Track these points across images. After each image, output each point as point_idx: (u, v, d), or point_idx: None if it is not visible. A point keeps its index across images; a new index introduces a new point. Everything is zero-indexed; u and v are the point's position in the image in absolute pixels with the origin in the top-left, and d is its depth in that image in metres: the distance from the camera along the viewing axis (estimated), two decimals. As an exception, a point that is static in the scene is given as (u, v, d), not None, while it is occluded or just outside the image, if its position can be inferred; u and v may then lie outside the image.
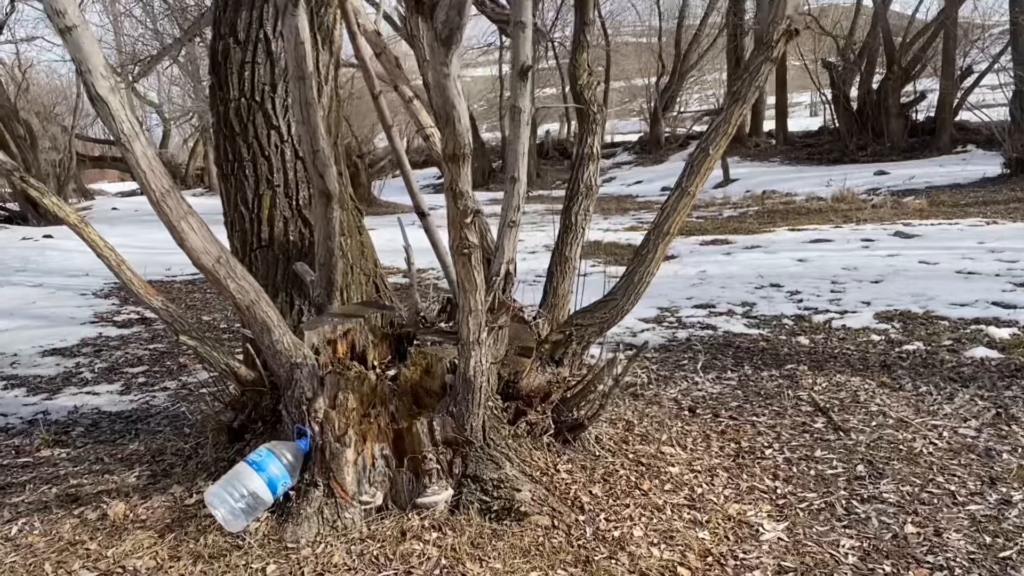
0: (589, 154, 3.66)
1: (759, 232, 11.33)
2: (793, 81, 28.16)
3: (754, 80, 2.90)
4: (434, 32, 2.03)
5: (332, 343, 3.07)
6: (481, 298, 2.61)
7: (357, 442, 2.80)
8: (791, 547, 2.70)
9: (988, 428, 3.67)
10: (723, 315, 6.33)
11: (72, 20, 2.28)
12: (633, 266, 3.25)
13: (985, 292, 6.35)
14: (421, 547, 2.63)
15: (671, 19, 29.09)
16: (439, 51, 2.04)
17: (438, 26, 2.02)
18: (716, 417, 3.97)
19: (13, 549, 2.79)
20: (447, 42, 2.03)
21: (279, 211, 3.61)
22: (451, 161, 2.26)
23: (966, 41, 20.86)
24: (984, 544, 2.68)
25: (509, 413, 3.15)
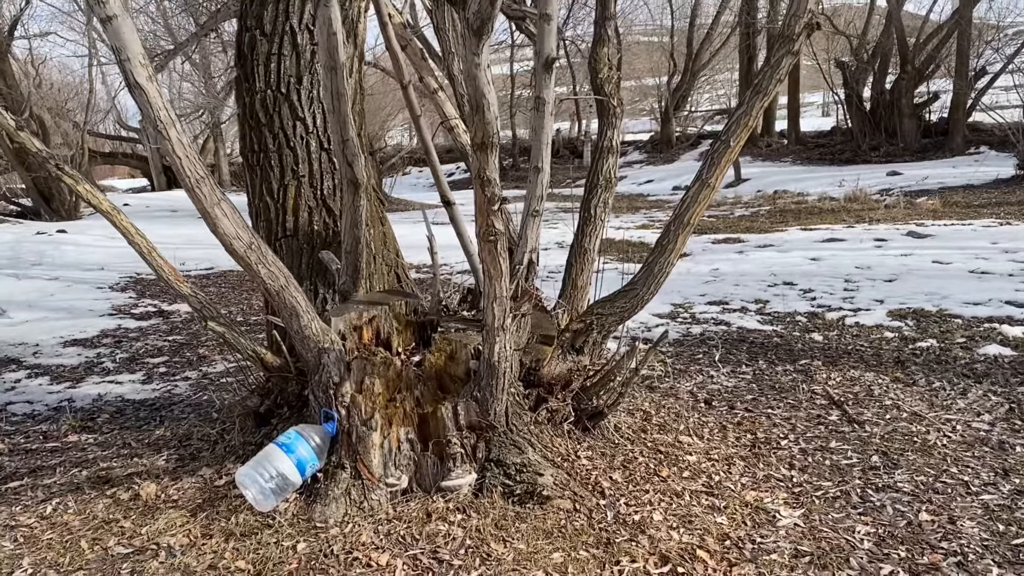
0: (608, 147, 3.71)
1: (771, 231, 11.36)
2: (806, 81, 28.13)
3: (775, 73, 2.95)
4: (466, 22, 2.09)
5: (358, 329, 3.13)
6: (506, 285, 2.67)
7: (383, 426, 2.86)
8: (807, 532, 2.75)
9: (1001, 422, 3.71)
10: (737, 311, 6.37)
11: (113, 10, 2.35)
12: (653, 256, 3.30)
13: (998, 291, 6.37)
14: (446, 528, 2.70)
15: (683, 18, 29.07)
16: (471, 41, 2.10)
17: (470, 16, 2.08)
18: (732, 409, 4.02)
19: (49, 527, 2.87)
20: (479, 32, 2.09)
21: (304, 201, 3.67)
22: (479, 149, 2.32)
23: (980, 42, 20.80)
24: (997, 532, 2.73)
25: (531, 400, 3.21)
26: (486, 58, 2.23)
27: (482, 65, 2.22)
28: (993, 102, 19.56)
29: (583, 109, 29.92)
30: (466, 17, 2.14)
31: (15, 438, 4.03)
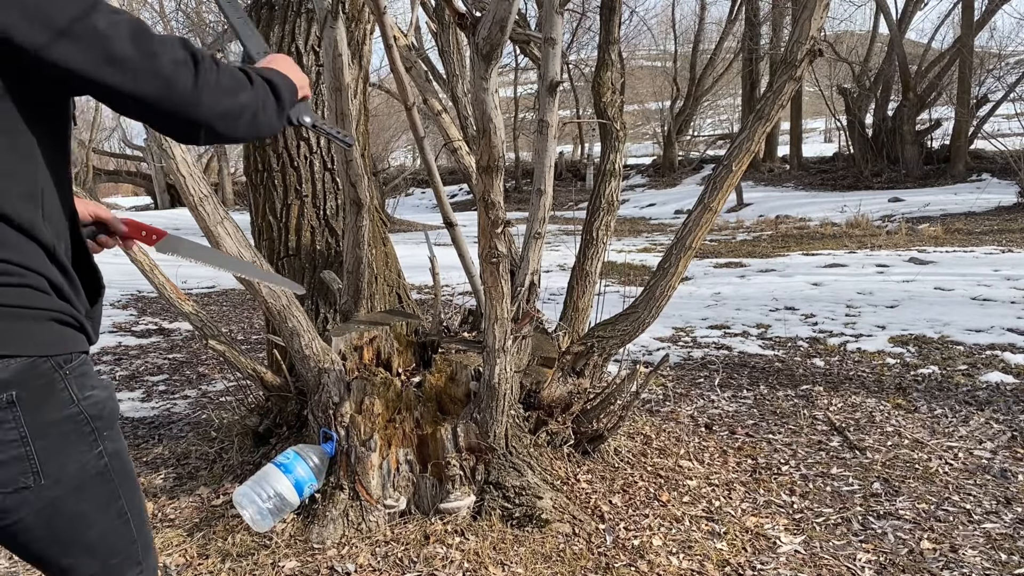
0: (612, 170, 3.73)
1: (773, 256, 11.38)
2: (808, 107, 28.27)
3: (778, 98, 2.96)
4: (475, 47, 2.10)
5: (358, 349, 3.13)
6: (507, 306, 2.67)
7: (382, 447, 2.85)
8: (808, 559, 2.73)
9: (1003, 450, 3.69)
10: (738, 336, 6.36)
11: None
12: (655, 280, 3.30)
13: (1000, 318, 6.37)
14: (444, 551, 2.68)
15: (686, 43, 29.27)
16: (479, 65, 2.12)
17: (479, 41, 2.09)
18: (733, 434, 4.01)
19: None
20: (488, 57, 2.11)
21: (307, 220, 3.68)
22: (485, 172, 2.33)
23: (982, 70, 20.93)
24: (1000, 561, 2.71)
25: (531, 422, 3.20)
26: (494, 83, 2.24)
27: (490, 89, 2.23)
28: (995, 130, 19.66)
29: (586, 132, 30.05)
30: (475, 42, 2.15)
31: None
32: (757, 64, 26.01)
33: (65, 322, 1.30)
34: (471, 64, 2.16)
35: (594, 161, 25.20)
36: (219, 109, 1.31)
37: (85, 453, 1.32)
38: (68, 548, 1.36)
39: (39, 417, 1.24)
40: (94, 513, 1.36)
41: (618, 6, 3.66)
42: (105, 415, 1.35)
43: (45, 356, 1.25)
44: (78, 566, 1.38)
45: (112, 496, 1.39)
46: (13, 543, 1.33)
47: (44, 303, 1.26)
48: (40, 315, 1.25)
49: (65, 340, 1.29)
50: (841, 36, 26.14)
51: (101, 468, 1.35)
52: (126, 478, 1.42)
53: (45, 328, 1.26)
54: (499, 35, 2.04)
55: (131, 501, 1.43)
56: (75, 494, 1.32)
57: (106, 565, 1.41)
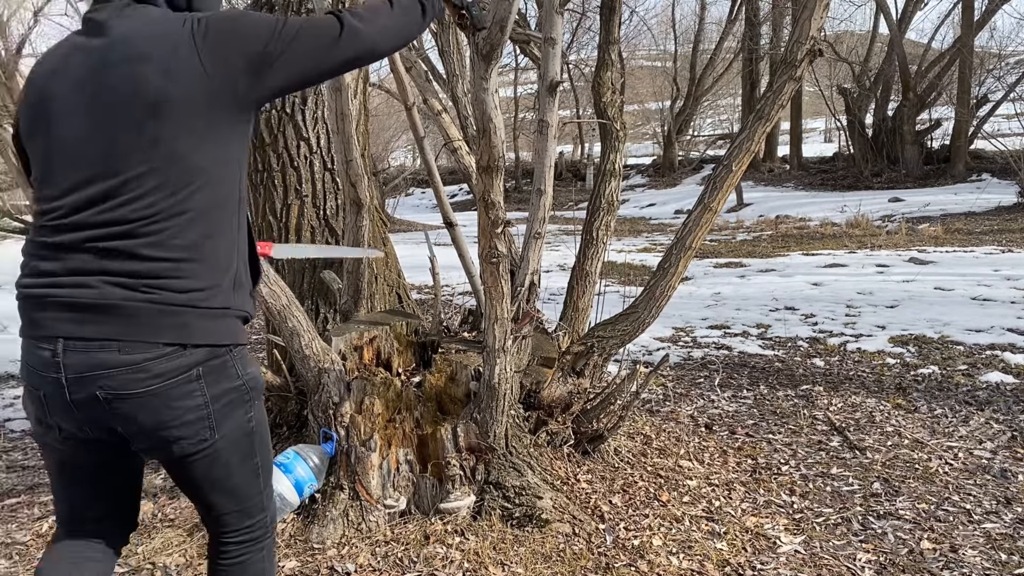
0: (612, 170, 3.73)
1: (773, 256, 11.38)
2: (808, 107, 28.25)
3: (778, 98, 2.96)
4: (475, 47, 2.10)
5: (359, 349, 3.13)
6: (507, 306, 2.67)
7: (382, 447, 2.86)
8: (808, 559, 2.73)
9: (1003, 450, 3.69)
10: (738, 336, 6.36)
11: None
12: (655, 280, 3.30)
13: (1000, 318, 6.37)
14: (444, 551, 2.68)
15: (686, 43, 29.24)
16: (479, 66, 2.12)
17: (479, 41, 2.09)
18: (733, 434, 4.01)
19: (45, 546, 2.85)
20: (487, 57, 2.11)
21: (307, 220, 3.68)
22: (485, 172, 2.33)
23: (982, 70, 20.91)
24: (1000, 561, 2.71)
25: (531, 422, 3.20)
26: (494, 83, 2.24)
27: (490, 89, 2.23)
28: (995, 130, 19.64)
29: (586, 132, 30.05)
30: (475, 42, 2.15)
31: (13, 455, 4.02)
32: (757, 64, 26.00)
33: (239, 316, 1.67)
34: (471, 64, 2.16)
35: (594, 161, 25.19)
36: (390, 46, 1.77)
37: (241, 417, 1.69)
38: (216, 488, 1.71)
39: (216, 388, 1.62)
40: (238, 464, 1.72)
41: (618, 6, 3.66)
42: (257, 387, 1.73)
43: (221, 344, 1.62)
44: (220, 504, 1.74)
45: (251, 453, 1.74)
46: (181, 477, 1.70)
47: (227, 302, 1.63)
48: (221, 313, 1.62)
49: (236, 333, 1.67)
50: (841, 36, 26.12)
51: (249, 430, 1.72)
52: (263, 441, 1.78)
53: (224, 324, 1.63)
54: (499, 35, 2.04)
55: (264, 460, 1.79)
56: (230, 448, 1.68)
57: (240, 506, 1.76)
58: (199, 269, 1.57)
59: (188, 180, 1.54)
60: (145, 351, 1.53)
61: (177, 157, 1.52)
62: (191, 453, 1.62)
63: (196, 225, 1.56)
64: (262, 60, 1.56)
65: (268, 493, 1.83)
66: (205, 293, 1.58)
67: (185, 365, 1.56)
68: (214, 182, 1.58)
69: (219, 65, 1.53)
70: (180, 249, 1.54)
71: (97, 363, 1.51)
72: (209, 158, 1.56)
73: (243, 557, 1.79)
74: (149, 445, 1.61)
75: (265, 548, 1.83)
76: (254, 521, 1.79)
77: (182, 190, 1.53)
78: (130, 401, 1.54)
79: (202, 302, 1.57)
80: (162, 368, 1.54)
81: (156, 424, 1.57)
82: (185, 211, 1.54)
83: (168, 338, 1.54)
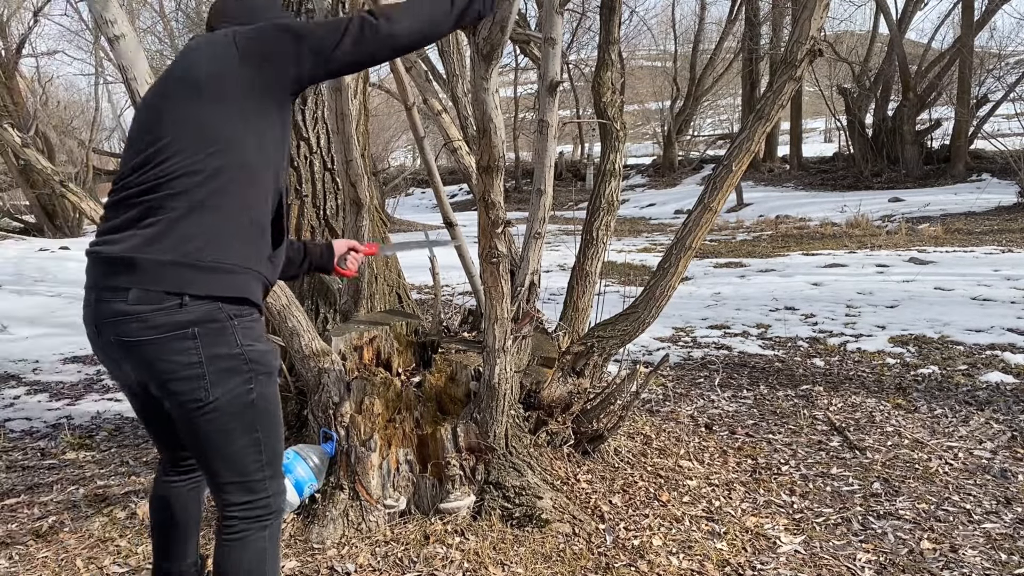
0: (612, 170, 3.72)
1: (773, 256, 11.37)
2: (808, 107, 28.24)
3: (778, 98, 2.96)
4: (476, 47, 2.10)
5: (358, 349, 3.13)
6: (507, 306, 2.67)
7: (382, 447, 2.85)
8: (808, 559, 2.73)
9: (1003, 450, 3.69)
10: (738, 336, 6.36)
11: (121, 29, 2.37)
12: (655, 280, 3.30)
13: (1000, 318, 6.37)
14: (444, 551, 2.68)
15: (686, 43, 29.22)
16: (480, 66, 2.12)
17: (479, 41, 2.09)
18: (733, 434, 4.01)
19: (45, 545, 2.85)
20: (488, 57, 2.11)
21: (307, 220, 3.68)
22: (485, 172, 2.33)
23: (982, 70, 20.90)
24: (1000, 561, 2.71)
25: (531, 422, 3.20)
26: (494, 83, 2.24)
27: (490, 89, 2.23)
28: (995, 130, 19.63)
29: (586, 132, 30.05)
30: (476, 42, 2.15)
31: (13, 455, 4.02)
32: (757, 64, 25.98)
33: (249, 274, 1.83)
34: (472, 64, 2.16)
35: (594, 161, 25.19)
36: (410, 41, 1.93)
37: (240, 386, 1.81)
38: (217, 454, 1.85)
39: (211, 350, 1.76)
40: (237, 433, 1.84)
41: (618, 6, 3.66)
42: (262, 363, 1.85)
43: (220, 303, 1.77)
44: (221, 472, 1.87)
45: (252, 426, 1.85)
46: (185, 434, 1.86)
47: (236, 259, 1.79)
48: (228, 268, 1.78)
49: (243, 288, 1.81)
50: (841, 36, 26.11)
51: (249, 401, 1.83)
52: (268, 418, 1.89)
53: (229, 279, 1.78)
54: (499, 35, 2.04)
55: (267, 437, 1.89)
56: (229, 414, 1.81)
57: (241, 479, 1.87)
58: (210, 223, 1.77)
59: (205, 140, 1.78)
60: (148, 301, 1.72)
61: (200, 126, 1.78)
62: (190, 409, 1.79)
63: (210, 182, 1.77)
64: (280, 57, 1.83)
65: (274, 476, 1.93)
66: (212, 247, 1.76)
67: (183, 322, 1.73)
68: (228, 144, 1.79)
69: (247, 61, 1.82)
70: (194, 206, 1.75)
71: (112, 312, 1.74)
72: (226, 121, 1.80)
73: (244, 534, 1.90)
74: (159, 394, 1.82)
75: (268, 530, 1.94)
76: (256, 498, 1.90)
77: (200, 153, 1.77)
78: (134, 349, 1.75)
79: (207, 256, 1.75)
80: (161, 320, 1.72)
81: (156, 374, 1.77)
82: (199, 170, 1.77)
83: (168, 286, 1.72)
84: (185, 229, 1.75)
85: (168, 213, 1.75)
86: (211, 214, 1.77)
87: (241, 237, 1.82)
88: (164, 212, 1.75)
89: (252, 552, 1.91)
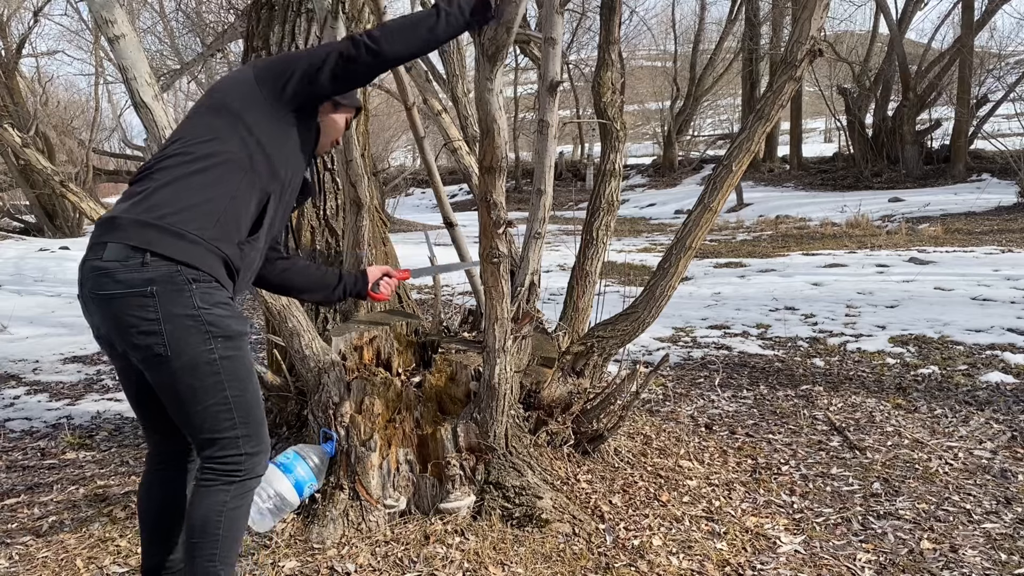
0: (612, 170, 3.72)
1: (773, 256, 11.38)
2: (808, 107, 28.24)
3: (778, 98, 2.96)
4: (481, 48, 2.10)
5: (358, 349, 3.13)
6: (507, 306, 2.67)
7: (382, 447, 2.85)
8: (808, 559, 2.73)
9: (1003, 450, 3.69)
10: (738, 336, 6.36)
11: (121, 29, 2.37)
12: (655, 280, 3.30)
13: (1000, 318, 6.37)
14: (444, 551, 2.68)
15: (686, 43, 29.23)
16: (485, 66, 2.12)
17: (485, 42, 2.10)
18: (733, 434, 4.01)
19: (45, 545, 2.85)
20: (493, 58, 2.11)
21: (307, 220, 3.68)
22: (487, 172, 2.33)
23: (982, 70, 20.92)
24: (1000, 561, 2.71)
25: (531, 422, 3.20)
26: (499, 84, 2.24)
27: (495, 90, 2.23)
28: (995, 130, 19.66)
29: (586, 132, 30.05)
30: (481, 43, 2.15)
31: (13, 455, 4.02)
32: (757, 64, 26.00)
33: (213, 251, 1.95)
34: (476, 64, 2.16)
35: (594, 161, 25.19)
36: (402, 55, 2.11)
37: (199, 345, 1.93)
38: (183, 409, 1.98)
39: (168, 309, 1.89)
40: (203, 393, 1.96)
41: (618, 6, 3.66)
42: (221, 326, 1.96)
43: (181, 268, 1.90)
44: (189, 426, 2.01)
45: (219, 386, 1.97)
46: (157, 388, 1.99)
47: (203, 233, 1.94)
48: (192, 239, 1.92)
49: (202, 259, 1.93)
50: (841, 36, 26.12)
51: (210, 360, 1.95)
52: (236, 379, 2.00)
53: (191, 248, 1.92)
54: (505, 36, 2.05)
55: (237, 398, 2.01)
56: (190, 372, 1.94)
57: (210, 435, 2.00)
58: (185, 197, 1.93)
59: (207, 132, 2.00)
60: (116, 256, 1.89)
61: (209, 121, 2.02)
62: (152, 364, 1.94)
63: (195, 163, 1.96)
64: (278, 76, 2.06)
65: (250, 437, 2.05)
66: (179, 216, 1.92)
67: (142, 280, 1.88)
68: (222, 139, 1.99)
69: (260, 81, 2.06)
70: (175, 179, 1.95)
71: (91, 268, 1.93)
72: (231, 122, 2.01)
73: (209, 484, 2.03)
74: (122, 348, 1.96)
75: (234, 487, 2.04)
76: (225, 455, 2.02)
77: (195, 139, 1.99)
78: (103, 303, 1.91)
79: (173, 222, 1.91)
80: (124, 276, 1.88)
81: (120, 328, 1.92)
82: (191, 152, 1.97)
83: (134, 242, 1.89)
84: (161, 197, 1.93)
85: (153, 184, 1.95)
86: (187, 190, 1.94)
87: (210, 216, 1.96)
88: (151, 183, 1.96)
89: (211, 502, 2.03)
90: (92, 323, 2.02)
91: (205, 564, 2.04)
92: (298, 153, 2.14)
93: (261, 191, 2.06)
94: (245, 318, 2.11)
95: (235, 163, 2.00)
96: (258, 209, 2.07)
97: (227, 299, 2.02)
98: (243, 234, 2.05)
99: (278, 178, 2.09)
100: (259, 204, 2.07)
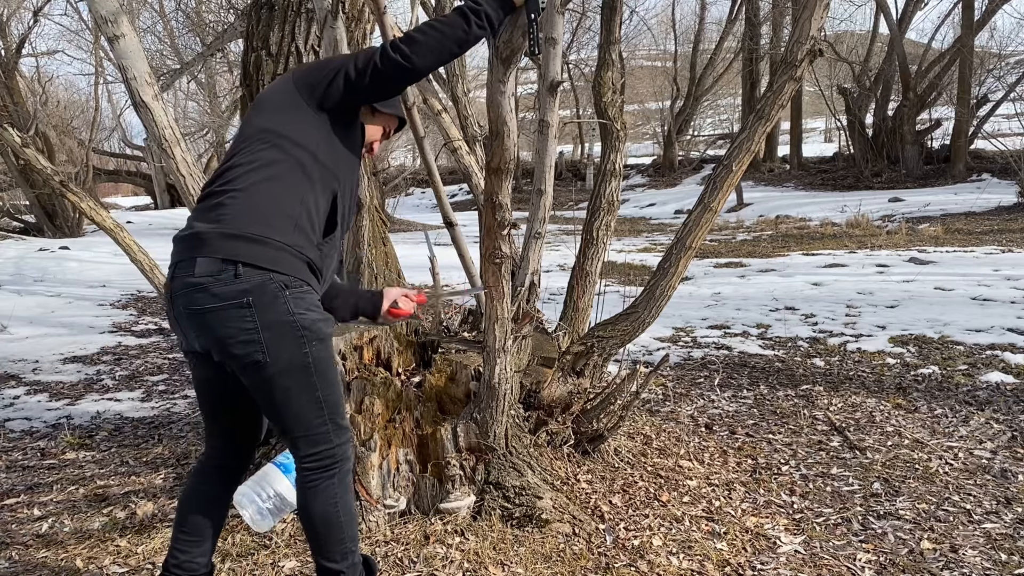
0: (612, 170, 3.72)
1: (773, 256, 11.38)
2: (808, 107, 28.23)
3: (778, 98, 2.96)
4: (495, 50, 2.11)
5: (359, 349, 3.13)
6: (507, 306, 2.67)
7: (382, 447, 2.85)
8: (808, 559, 2.73)
9: (1004, 450, 3.69)
10: (738, 336, 6.36)
11: (121, 29, 2.37)
12: (655, 279, 3.30)
13: (1001, 318, 6.37)
14: (444, 551, 2.68)
15: (686, 43, 29.23)
16: (498, 69, 2.13)
17: (499, 44, 2.10)
18: (733, 434, 4.01)
19: (45, 545, 2.85)
20: (507, 61, 2.12)
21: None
22: (494, 174, 2.33)
23: (982, 70, 20.92)
24: (1000, 561, 2.71)
25: (531, 422, 3.20)
26: (511, 86, 2.25)
27: (507, 93, 2.24)
28: (995, 130, 19.65)
29: (586, 132, 30.04)
30: (495, 44, 2.16)
31: (12, 454, 4.02)
32: (757, 64, 25.99)
33: (296, 255, 2.02)
34: (489, 67, 2.16)
35: (594, 161, 25.18)
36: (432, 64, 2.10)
37: (295, 350, 2.01)
38: (281, 412, 2.06)
39: (265, 317, 1.96)
40: (297, 393, 2.05)
41: (619, 6, 3.66)
42: (314, 330, 2.04)
43: (272, 275, 1.96)
44: (287, 427, 2.09)
45: (311, 386, 2.06)
46: (254, 394, 2.07)
47: (284, 239, 1.99)
48: (276, 246, 1.98)
49: (289, 265, 2.00)
50: (841, 36, 26.11)
51: (306, 363, 2.03)
52: (326, 379, 2.09)
53: (276, 255, 1.98)
54: (521, 40, 2.06)
55: (327, 397, 2.10)
56: (286, 375, 2.02)
57: (306, 433, 2.09)
58: (259, 205, 1.99)
59: (263, 139, 2.06)
60: (209, 270, 1.94)
61: (262, 129, 2.08)
62: (251, 372, 2.00)
63: (261, 170, 2.02)
64: (317, 83, 2.12)
65: (337, 428, 2.14)
66: (260, 225, 1.97)
67: (238, 291, 1.94)
68: (284, 144, 2.05)
69: (299, 84, 2.13)
70: (247, 187, 2.00)
71: (183, 284, 1.98)
72: (282, 128, 2.07)
73: (315, 482, 2.13)
74: (220, 358, 2.02)
75: (336, 477, 2.15)
76: (321, 450, 2.11)
77: (257, 145, 2.05)
78: (198, 317, 1.97)
79: (255, 231, 1.97)
80: (219, 290, 1.93)
81: (218, 340, 1.98)
82: (255, 160, 2.03)
83: (224, 255, 1.94)
84: (236, 208, 1.99)
85: (230, 196, 2.00)
86: (259, 196, 2.00)
87: (288, 221, 2.02)
88: (227, 195, 2.01)
89: (324, 499, 2.13)
90: (186, 338, 2.07)
91: (337, 548, 2.18)
92: (348, 153, 2.20)
93: (326, 190, 2.12)
94: (331, 319, 2.21)
95: (297, 167, 2.06)
96: (328, 208, 2.14)
97: (316, 302, 2.10)
98: (319, 235, 2.11)
99: (337, 178, 2.15)
100: (328, 203, 2.14)
